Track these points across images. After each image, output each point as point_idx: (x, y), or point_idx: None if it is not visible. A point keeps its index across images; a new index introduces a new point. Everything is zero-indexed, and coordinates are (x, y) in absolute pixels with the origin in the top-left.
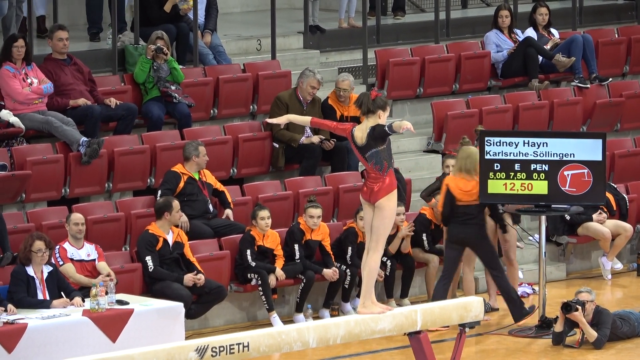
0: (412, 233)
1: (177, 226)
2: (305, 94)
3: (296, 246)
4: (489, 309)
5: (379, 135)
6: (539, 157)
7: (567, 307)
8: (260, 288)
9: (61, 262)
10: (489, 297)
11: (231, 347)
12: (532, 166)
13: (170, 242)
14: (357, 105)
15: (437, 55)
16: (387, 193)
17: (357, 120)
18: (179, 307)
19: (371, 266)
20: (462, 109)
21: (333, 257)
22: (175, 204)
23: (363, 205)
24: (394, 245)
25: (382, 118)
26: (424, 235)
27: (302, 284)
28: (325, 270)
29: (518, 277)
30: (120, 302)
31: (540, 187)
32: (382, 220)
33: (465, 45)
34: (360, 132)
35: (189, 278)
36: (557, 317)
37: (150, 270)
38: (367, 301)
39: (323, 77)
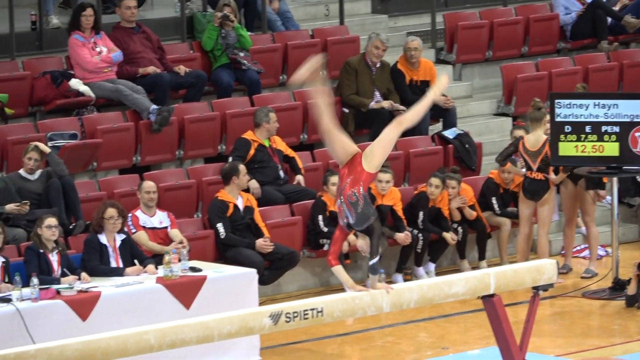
0: (465, 204)
1: (246, 191)
2: (372, 57)
3: None
4: (565, 270)
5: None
6: (609, 119)
7: None
8: None
9: (134, 230)
10: (565, 258)
11: (305, 312)
12: (603, 128)
13: (241, 207)
14: None
15: (505, 18)
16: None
17: (426, 85)
18: (252, 273)
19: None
20: (532, 71)
21: (405, 221)
22: (242, 167)
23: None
24: (454, 214)
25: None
26: (494, 199)
27: None
28: (397, 234)
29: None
30: (193, 269)
31: (611, 149)
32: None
33: (534, 7)
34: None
35: (260, 243)
36: (630, 278)
37: (222, 237)
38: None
39: (390, 41)
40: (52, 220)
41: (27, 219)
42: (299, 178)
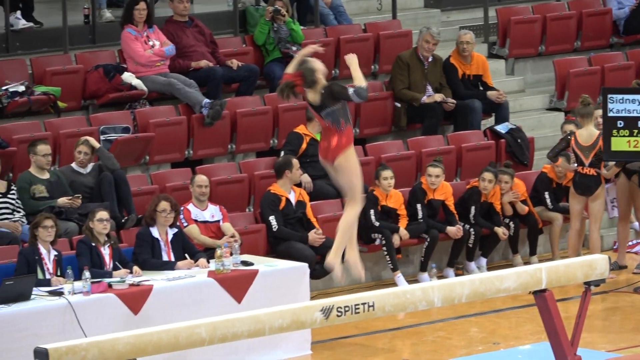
0: (517, 199)
1: (298, 185)
2: (423, 51)
3: (419, 206)
4: (615, 267)
5: (335, 95)
6: None
7: None
8: (384, 248)
9: (185, 224)
10: (618, 254)
11: (356, 306)
12: None
13: (293, 201)
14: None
15: (558, 13)
16: (342, 151)
17: (479, 79)
18: (303, 267)
19: (348, 219)
20: (584, 66)
21: (457, 216)
22: (295, 161)
23: (324, 166)
24: (506, 209)
25: (322, 81)
26: (546, 193)
27: (426, 243)
28: (449, 227)
29: None
30: (245, 262)
31: None
32: (348, 178)
33: (587, 2)
34: (312, 96)
35: (312, 236)
36: None
37: (275, 230)
38: (336, 254)
39: (443, 35)
40: (103, 214)
41: (79, 212)
42: None
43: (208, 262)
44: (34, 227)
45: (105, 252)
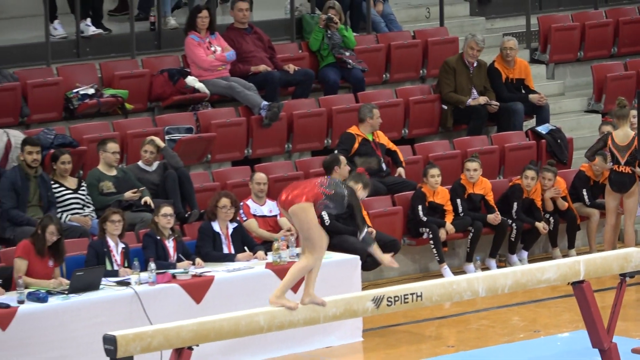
0: (558, 195)
1: None
2: (468, 57)
3: (458, 200)
4: None
5: (351, 213)
6: None
7: None
8: (431, 241)
9: (245, 218)
10: None
11: (405, 296)
12: None
13: None
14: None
15: (596, 21)
16: (301, 201)
17: (521, 83)
18: (355, 259)
19: (298, 265)
20: (621, 71)
21: (497, 210)
22: (342, 158)
23: (282, 212)
24: (547, 205)
25: (360, 191)
26: (584, 190)
27: (471, 234)
28: (489, 215)
29: None
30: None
31: None
32: (301, 226)
33: (623, 10)
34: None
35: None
36: None
37: (327, 224)
38: (281, 293)
39: (487, 41)
40: (168, 209)
41: (142, 208)
42: (400, 170)
43: (266, 255)
44: (103, 221)
45: (170, 245)
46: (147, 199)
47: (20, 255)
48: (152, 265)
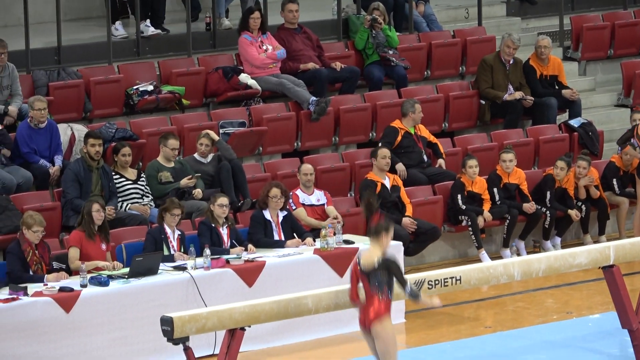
0: (591, 183)
1: (393, 172)
2: (504, 55)
3: (495, 190)
4: None
5: (393, 276)
6: None
7: None
8: (470, 228)
9: (294, 207)
10: None
11: (445, 280)
12: None
13: (388, 186)
14: (363, 210)
15: (625, 20)
16: (378, 317)
17: (555, 79)
18: (398, 245)
19: None
20: None
21: (531, 199)
22: (380, 151)
23: (363, 335)
24: (581, 192)
25: (386, 239)
26: (614, 180)
27: (507, 222)
28: (524, 205)
29: None
30: (346, 241)
31: None
32: (384, 347)
33: None
34: (368, 260)
35: (406, 222)
36: None
37: None
38: None
39: (523, 40)
40: (223, 200)
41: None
42: (441, 162)
43: (314, 241)
44: (164, 211)
45: (224, 232)
46: (199, 191)
47: (73, 244)
48: (207, 251)
